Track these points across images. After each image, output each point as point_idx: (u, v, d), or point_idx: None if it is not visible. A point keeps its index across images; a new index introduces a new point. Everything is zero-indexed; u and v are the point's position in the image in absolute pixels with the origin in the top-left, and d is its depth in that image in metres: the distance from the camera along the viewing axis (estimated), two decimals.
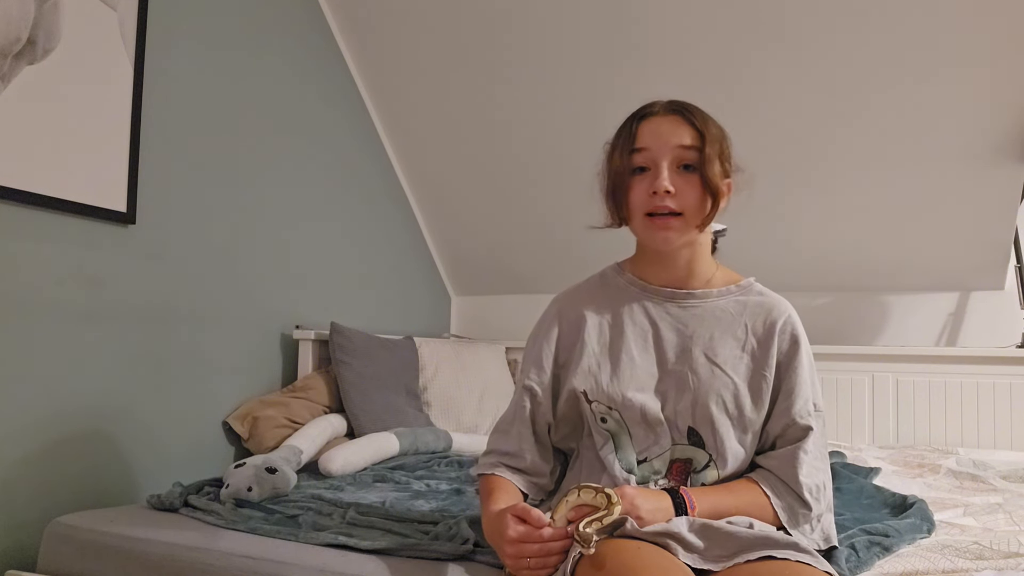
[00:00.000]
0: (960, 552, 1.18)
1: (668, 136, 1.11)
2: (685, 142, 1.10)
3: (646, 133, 1.12)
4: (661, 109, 1.14)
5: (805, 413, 1.12)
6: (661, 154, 1.11)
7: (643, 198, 1.12)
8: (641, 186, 1.12)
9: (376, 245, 2.83)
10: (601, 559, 0.91)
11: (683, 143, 1.10)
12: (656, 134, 1.12)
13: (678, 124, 1.12)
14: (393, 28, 2.54)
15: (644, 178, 1.12)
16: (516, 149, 2.75)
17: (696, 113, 1.13)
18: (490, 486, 1.16)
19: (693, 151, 1.10)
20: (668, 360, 1.16)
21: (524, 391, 1.21)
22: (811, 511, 1.09)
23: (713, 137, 1.12)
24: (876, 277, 2.71)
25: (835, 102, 2.29)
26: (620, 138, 1.16)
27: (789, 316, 1.17)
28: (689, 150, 1.10)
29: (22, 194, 1.53)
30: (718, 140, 1.13)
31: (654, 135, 1.12)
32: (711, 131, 1.12)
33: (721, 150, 1.13)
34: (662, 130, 1.12)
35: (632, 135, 1.13)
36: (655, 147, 1.11)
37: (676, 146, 1.11)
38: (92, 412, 1.70)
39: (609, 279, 1.25)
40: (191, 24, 1.98)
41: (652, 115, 1.14)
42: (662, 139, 1.11)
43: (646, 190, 1.11)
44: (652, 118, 1.14)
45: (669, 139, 1.11)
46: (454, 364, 2.59)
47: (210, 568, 1.21)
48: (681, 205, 1.10)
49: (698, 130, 1.11)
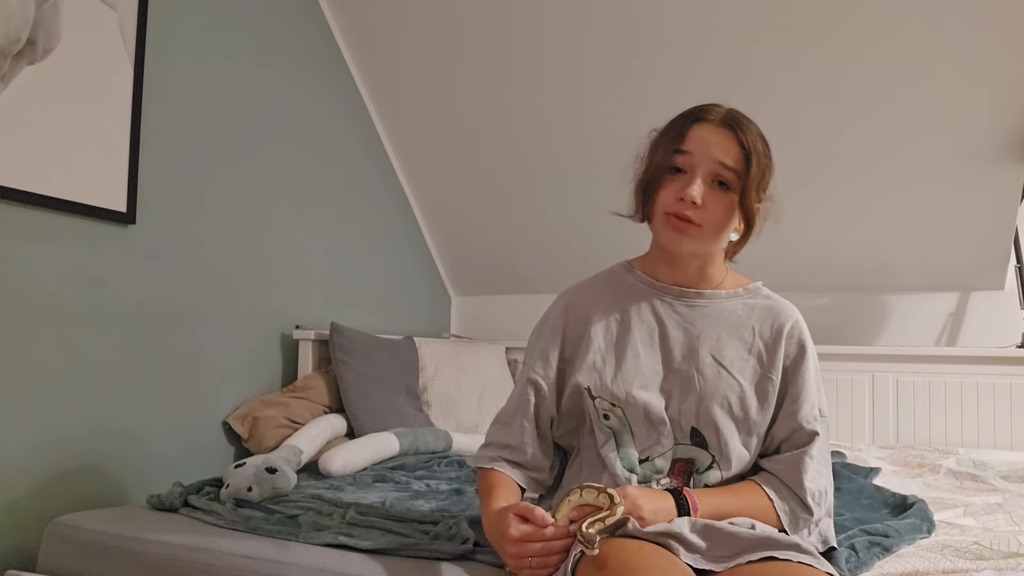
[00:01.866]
0: (960, 552, 1.18)
1: (713, 149, 1.09)
2: (728, 162, 1.09)
3: (695, 138, 1.10)
4: (717, 118, 1.11)
5: (811, 418, 1.12)
6: (701, 164, 1.09)
7: (670, 199, 1.11)
8: (672, 186, 1.11)
9: (376, 245, 2.83)
10: (603, 559, 0.91)
11: (725, 162, 1.09)
12: (703, 142, 1.10)
13: (728, 140, 1.09)
14: (393, 28, 2.54)
15: (677, 179, 1.11)
16: (516, 149, 2.75)
17: (749, 133, 1.10)
18: (490, 482, 1.15)
19: (732, 172, 1.09)
20: (674, 359, 1.16)
21: (528, 384, 1.20)
22: (812, 516, 1.09)
23: (758, 164, 1.09)
24: (876, 277, 2.71)
25: (836, 103, 2.29)
26: (668, 134, 1.13)
27: (796, 321, 1.17)
28: (729, 170, 1.09)
29: (22, 194, 1.53)
30: (762, 168, 1.11)
31: (701, 142, 1.10)
32: (759, 156, 1.10)
33: (763, 177, 1.11)
34: (710, 140, 1.10)
35: (681, 135, 1.11)
36: (698, 154, 1.10)
37: (718, 161, 1.09)
38: (92, 412, 1.70)
39: (618, 276, 1.25)
40: (191, 24, 1.98)
41: (706, 121, 1.11)
42: (707, 149, 1.09)
43: (675, 192, 1.10)
44: (705, 124, 1.11)
45: (714, 152, 1.09)
46: (454, 364, 2.59)
47: (210, 568, 1.21)
48: (703, 219, 1.09)
49: (745, 153, 1.09)
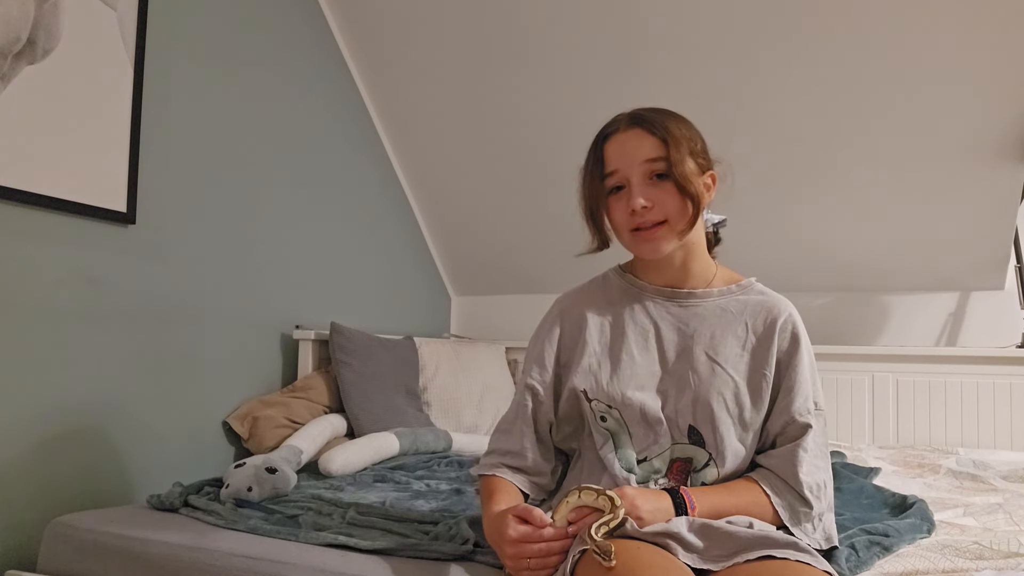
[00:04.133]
0: (960, 552, 1.18)
1: (633, 153, 1.11)
2: (651, 155, 1.11)
3: (613, 154, 1.13)
4: (623, 124, 1.14)
5: (805, 411, 1.12)
6: (630, 172, 1.12)
7: (624, 217, 1.13)
8: (620, 205, 1.13)
9: (376, 245, 2.83)
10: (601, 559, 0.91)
11: (649, 156, 1.11)
12: (621, 153, 1.13)
13: (642, 137, 1.12)
14: (393, 28, 2.54)
15: (621, 197, 1.14)
16: (516, 149, 2.75)
17: (657, 121, 1.12)
18: (491, 487, 1.16)
19: (661, 162, 1.10)
20: (669, 359, 1.17)
21: (526, 390, 1.21)
22: (812, 509, 1.09)
23: (677, 140, 1.11)
24: (876, 277, 2.71)
25: (836, 103, 2.30)
26: (590, 163, 1.17)
27: (790, 315, 1.18)
28: (656, 162, 1.11)
29: (22, 194, 1.53)
30: (685, 140, 1.12)
31: (620, 155, 1.13)
32: (674, 135, 1.11)
33: (691, 149, 1.13)
34: (627, 148, 1.12)
35: (600, 158, 1.15)
36: (623, 166, 1.12)
37: (643, 161, 1.11)
38: (92, 412, 1.70)
39: (611, 280, 1.26)
40: (191, 24, 1.98)
41: (616, 132, 1.14)
42: (628, 157, 1.12)
43: (625, 209, 1.12)
44: (616, 136, 1.14)
45: (635, 156, 1.11)
46: (454, 364, 2.60)
47: (210, 568, 1.21)
48: (662, 214, 1.11)
49: (661, 139, 1.11)
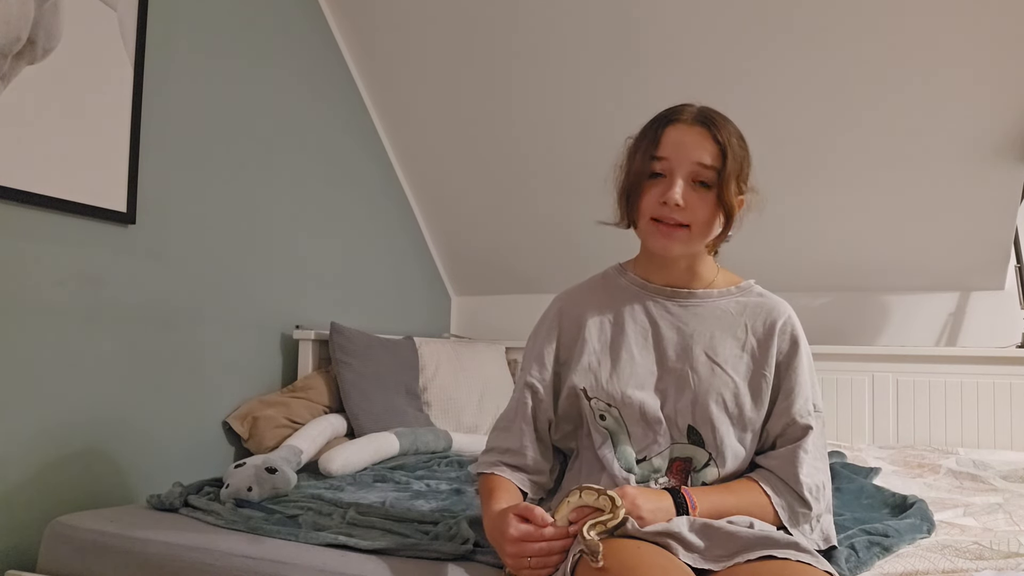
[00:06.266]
0: (960, 552, 1.18)
1: (690, 150, 1.09)
2: (705, 160, 1.09)
3: (669, 142, 1.11)
4: (689, 118, 1.12)
5: (805, 413, 1.13)
6: (679, 167, 1.10)
7: (654, 204, 1.11)
8: (654, 191, 1.11)
9: (376, 245, 2.83)
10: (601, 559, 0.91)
11: (703, 161, 1.09)
12: (678, 145, 1.10)
13: (703, 138, 1.10)
14: (393, 28, 2.54)
15: (658, 184, 1.11)
16: (516, 149, 2.75)
17: (723, 128, 1.10)
18: (490, 485, 1.16)
19: (711, 171, 1.09)
20: (668, 358, 1.16)
21: (525, 388, 1.21)
22: (811, 510, 1.09)
23: (734, 157, 1.10)
24: (876, 277, 2.71)
25: (836, 104, 2.29)
26: (643, 140, 1.14)
27: (789, 317, 1.18)
28: (707, 169, 1.09)
29: (22, 194, 1.53)
30: (739, 160, 1.11)
31: (676, 146, 1.10)
32: (734, 150, 1.10)
33: (740, 170, 1.12)
34: (685, 141, 1.10)
35: (656, 140, 1.11)
36: (675, 158, 1.10)
37: (695, 162, 1.09)
38: (92, 412, 1.70)
39: (611, 279, 1.26)
40: (191, 24, 1.98)
41: (679, 122, 1.12)
42: (683, 152, 1.10)
43: (658, 196, 1.10)
44: (678, 125, 1.11)
45: (690, 153, 1.09)
46: (454, 364, 2.59)
47: (210, 568, 1.21)
48: (689, 219, 1.10)
49: (721, 148, 1.09)
